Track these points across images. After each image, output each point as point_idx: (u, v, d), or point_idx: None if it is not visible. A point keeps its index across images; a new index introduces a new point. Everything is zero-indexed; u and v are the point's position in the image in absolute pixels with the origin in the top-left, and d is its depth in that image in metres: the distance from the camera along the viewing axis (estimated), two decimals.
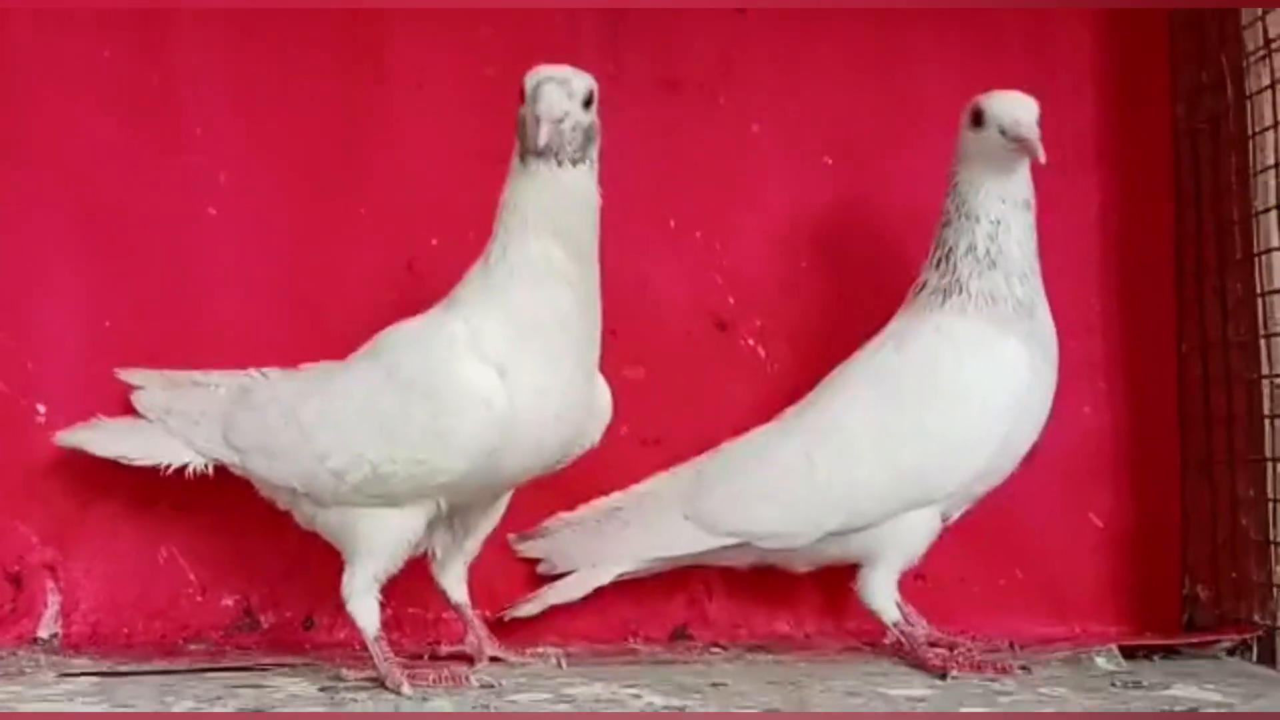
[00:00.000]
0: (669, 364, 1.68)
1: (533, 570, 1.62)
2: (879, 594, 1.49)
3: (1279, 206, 1.51)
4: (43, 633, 1.57)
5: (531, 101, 1.29)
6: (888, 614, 1.49)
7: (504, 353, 1.32)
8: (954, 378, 1.47)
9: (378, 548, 1.37)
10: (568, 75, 1.30)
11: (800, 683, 1.39)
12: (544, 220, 1.31)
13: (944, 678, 1.41)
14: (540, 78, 1.29)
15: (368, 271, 1.64)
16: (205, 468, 1.47)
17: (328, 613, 1.59)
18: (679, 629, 1.66)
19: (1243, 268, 1.57)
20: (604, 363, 1.43)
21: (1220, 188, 1.62)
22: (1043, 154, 1.43)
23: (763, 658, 1.55)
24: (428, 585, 1.50)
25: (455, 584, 1.48)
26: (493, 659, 1.46)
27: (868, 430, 1.48)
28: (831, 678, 1.42)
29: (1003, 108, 1.45)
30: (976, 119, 1.47)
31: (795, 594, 1.67)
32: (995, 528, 1.64)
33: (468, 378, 1.31)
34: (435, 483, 1.34)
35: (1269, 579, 1.52)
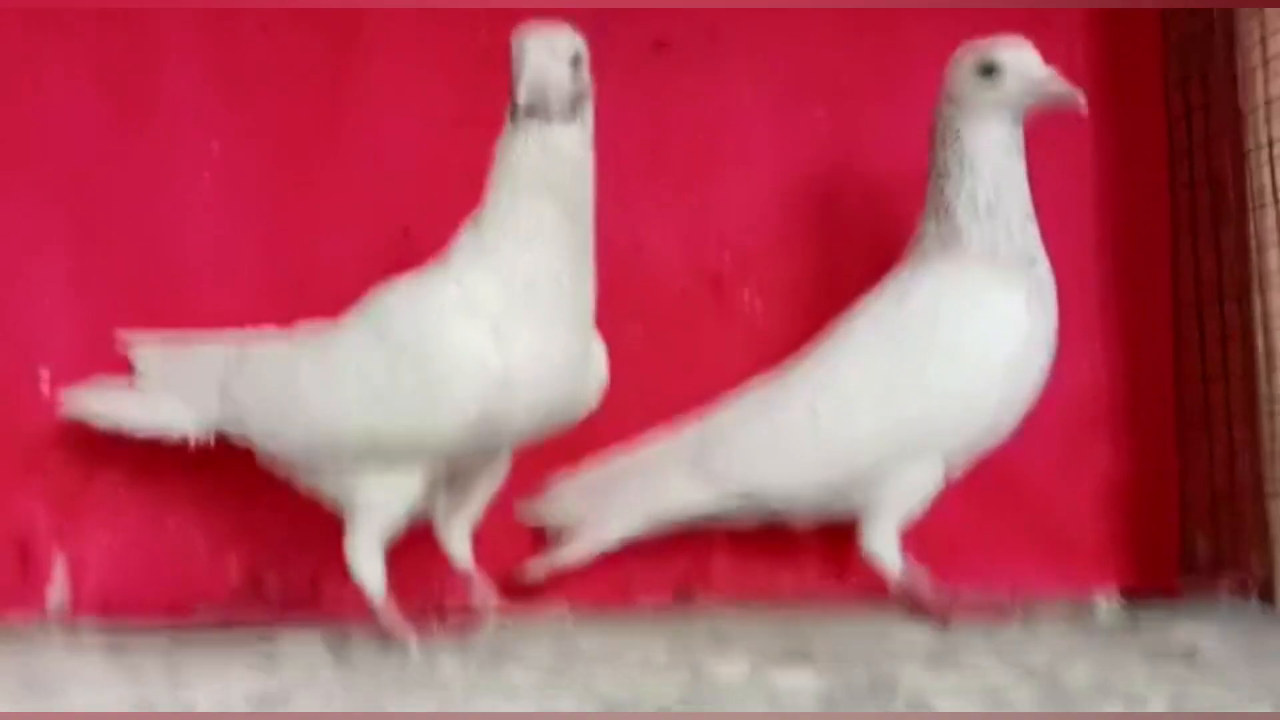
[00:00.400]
0: (666, 323, 1.69)
1: (537, 532, 1.63)
2: (882, 546, 1.50)
3: (1271, 158, 1.51)
4: (51, 603, 1.59)
5: (517, 60, 1.29)
6: (891, 566, 1.50)
7: (497, 313, 1.32)
8: (955, 330, 1.47)
9: (377, 510, 1.38)
10: (553, 33, 1.30)
11: (803, 633, 1.41)
12: (534, 179, 1.31)
13: (947, 627, 1.42)
14: (525, 36, 1.30)
15: (364, 237, 1.65)
16: (207, 438, 1.48)
17: (335, 577, 1.58)
18: (682, 588, 1.67)
19: (1237, 217, 1.58)
20: (601, 323, 1.44)
21: (1212, 136, 1.62)
22: (1084, 102, 1.44)
23: (766, 612, 1.57)
24: (432, 548, 1.51)
25: (459, 545, 1.49)
26: (498, 617, 1.48)
27: (869, 382, 1.49)
28: (833, 628, 1.44)
29: (1020, 60, 1.45)
30: (987, 70, 1.46)
31: (798, 551, 1.68)
32: (995, 482, 1.64)
33: (460, 339, 1.32)
34: (431, 445, 1.35)
35: (1266, 525, 1.53)
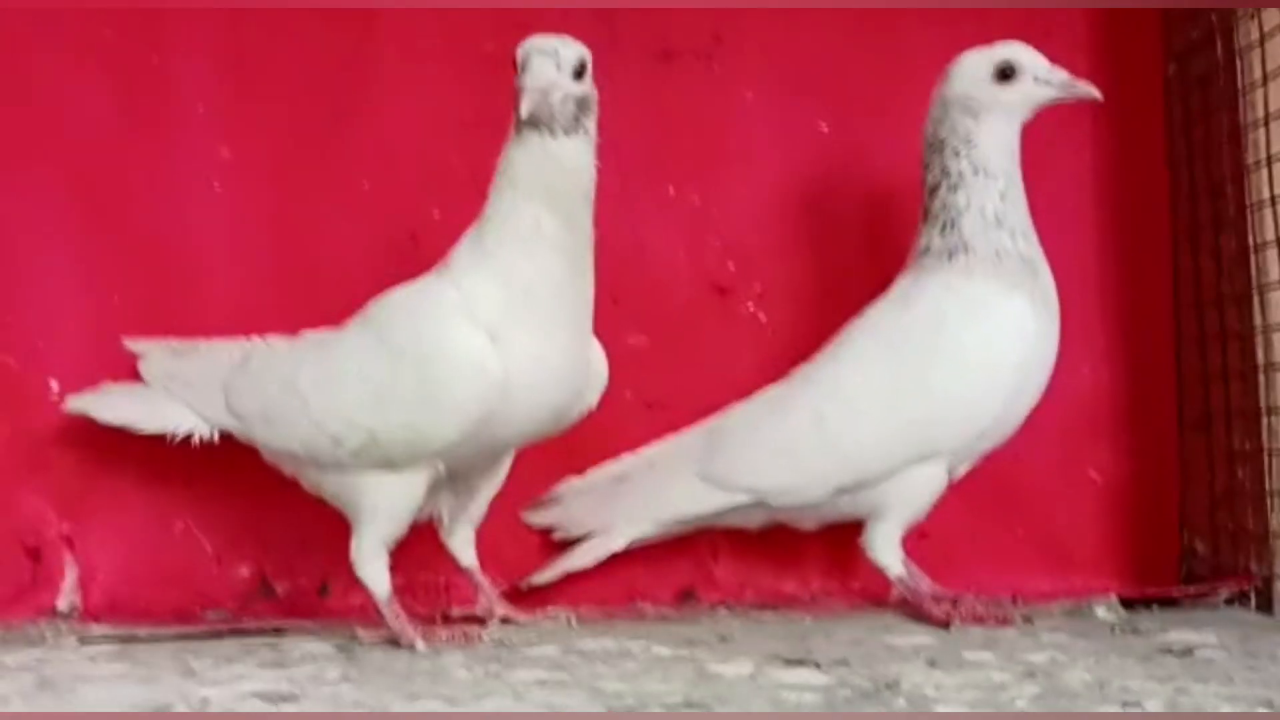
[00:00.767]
0: (670, 330, 1.70)
1: (544, 537, 1.64)
2: (884, 548, 1.51)
3: (1269, 162, 1.53)
4: (61, 604, 1.60)
5: (521, 72, 1.31)
6: (892, 568, 1.51)
7: (496, 318, 1.34)
8: (959, 336, 1.48)
9: (381, 512, 1.40)
10: (556, 46, 1.32)
11: (805, 635, 1.42)
12: (535, 189, 1.33)
13: (947, 629, 1.43)
14: (529, 49, 1.32)
15: (371, 243, 1.66)
16: (211, 435, 1.49)
17: (342, 580, 1.61)
18: (686, 590, 1.68)
19: (1236, 223, 1.59)
20: (606, 330, 1.46)
21: (1212, 144, 1.64)
22: (1098, 93, 1.47)
23: (769, 615, 1.58)
24: (437, 550, 1.53)
25: (463, 547, 1.51)
26: (503, 619, 1.49)
27: (875, 387, 1.50)
28: (836, 630, 1.44)
29: (1033, 61, 1.48)
30: (1005, 74, 1.48)
31: (801, 554, 1.69)
32: (996, 485, 1.66)
33: (459, 343, 1.34)
34: (431, 447, 1.36)
35: (1265, 530, 1.55)
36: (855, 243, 1.72)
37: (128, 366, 1.57)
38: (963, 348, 1.48)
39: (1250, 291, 1.56)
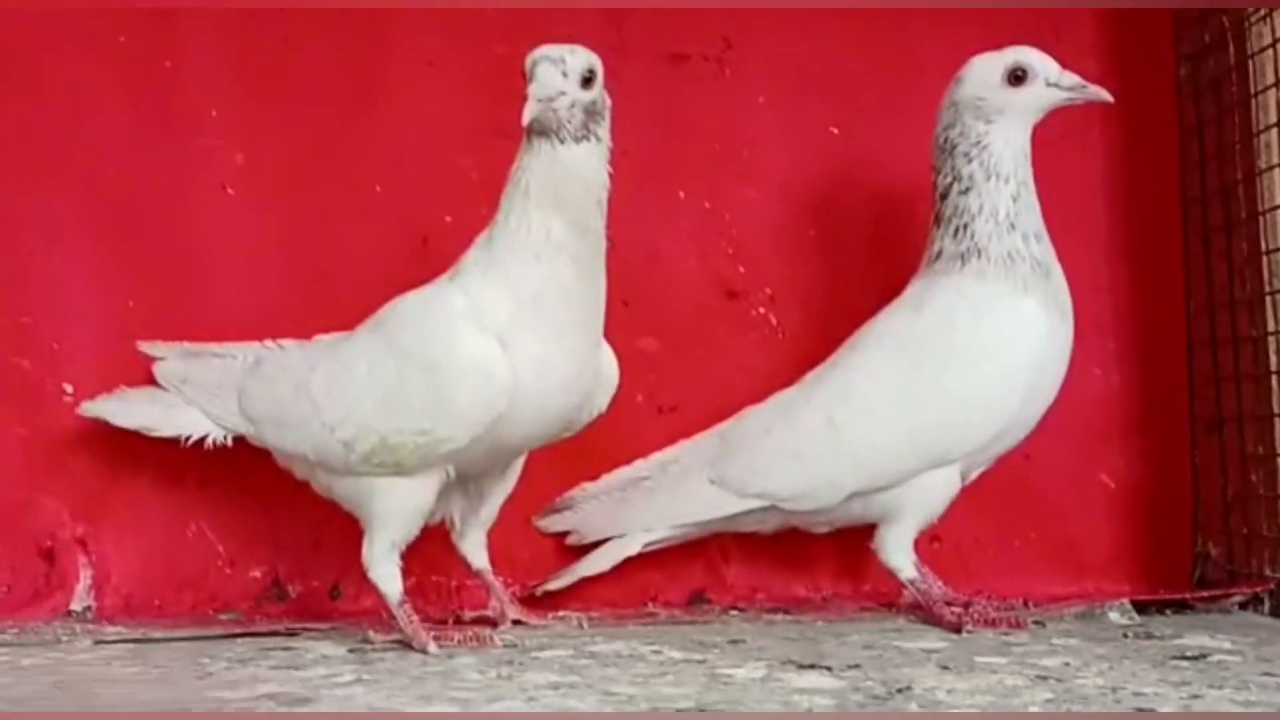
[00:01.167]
0: (682, 334, 1.71)
1: (557, 541, 1.65)
2: (897, 552, 1.51)
3: None
4: (76, 605, 1.61)
5: (529, 80, 1.31)
6: (905, 571, 1.51)
7: (505, 324, 1.34)
8: (972, 339, 1.48)
9: (392, 516, 1.40)
10: (563, 54, 1.32)
11: (817, 638, 1.42)
12: (545, 195, 1.34)
13: (959, 633, 1.43)
14: (537, 57, 1.32)
15: (383, 247, 1.67)
16: (225, 439, 1.50)
17: (354, 582, 1.62)
18: (697, 593, 1.69)
19: (1248, 227, 1.59)
20: (617, 333, 1.47)
21: (1223, 148, 1.64)
22: (1109, 95, 1.49)
23: (780, 618, 1.58)
24: (449, 554, 1.54)
25: (475, 550, 1.52)
26: (515, 622, 1.50)
27: (888, 391, 1.50)
28: (847, 634, 1.44)
29: (1045, 64, 1.48)
30: (1016, 77, 1.48)
31: (812, 558, 1.69)
32: (1009, 489, 1.66)
33: (468, 349, 1.34)
34: (441, 452, 1.37)
35: (1278, 534, 1.54)
36: (866, 246, 1.73)
37: (142, 370, 1.58)
38: (976, 352, 1.48)
39: (1262, 295, 1.56)
